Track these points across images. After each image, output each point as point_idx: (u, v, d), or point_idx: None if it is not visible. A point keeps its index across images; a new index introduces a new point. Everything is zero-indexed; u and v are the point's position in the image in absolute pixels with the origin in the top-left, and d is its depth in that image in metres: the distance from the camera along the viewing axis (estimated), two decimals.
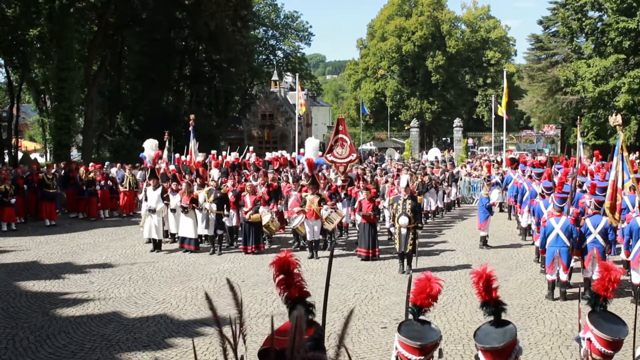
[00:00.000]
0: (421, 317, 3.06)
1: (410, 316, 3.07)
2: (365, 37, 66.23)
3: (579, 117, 17.50)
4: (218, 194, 13.50)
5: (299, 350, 1.52)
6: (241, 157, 23.46)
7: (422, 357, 2.88)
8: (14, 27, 28.90)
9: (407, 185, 11.69)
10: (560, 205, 9.91)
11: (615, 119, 8.78)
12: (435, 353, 2.97)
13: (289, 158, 24.88)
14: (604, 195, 10.08)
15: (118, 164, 22.73)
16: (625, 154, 8.94)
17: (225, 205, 13.51)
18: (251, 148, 26.89)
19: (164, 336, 7.98)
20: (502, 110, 26.56)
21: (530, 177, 15.36)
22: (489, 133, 40.93)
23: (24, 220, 18.15)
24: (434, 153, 27.52)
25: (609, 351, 3.07)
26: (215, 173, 14.46)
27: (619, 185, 8.93)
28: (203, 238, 14.03)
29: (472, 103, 60.25)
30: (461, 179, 23.36)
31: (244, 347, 1.82)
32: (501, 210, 19.33)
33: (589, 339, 3.13)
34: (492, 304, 3.03)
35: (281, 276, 2.17)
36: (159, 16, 35.38)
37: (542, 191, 12.56)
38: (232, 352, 1.77)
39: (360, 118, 57.73)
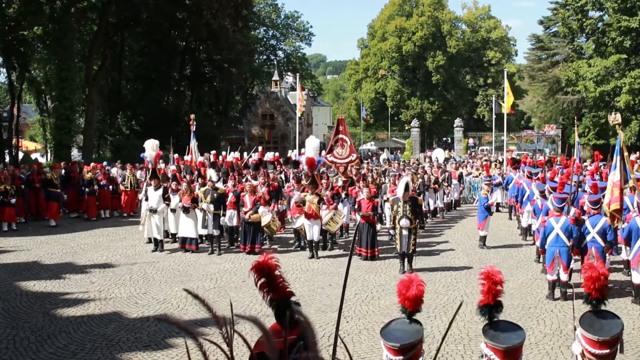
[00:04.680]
0: (414, 317, 3.10)
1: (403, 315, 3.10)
2: (366, 37, 66.23)
3: (575, 117, 17.47)
4: (215, 194, 13.50)
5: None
6: (247, 157, 23.49)
7: (402, 357, 2.92)
8: (14, 27, 28.90)
9: (406, 189, 11.50)
10: (559, 205, 9.89)
11: (614, 118, 8.70)
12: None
13: (293, 158, 24.89)
14: (603, 195, 10.06)
15: (119, 164, 22.72)
16: (626, 153, 8.87)
17: (222, 206, 13.51)
18: (260, 148, 26.88)
19: (164, 336, 7.98)
20: (508, 107, 26.34)
21: (529, 177, 15.39)
22: (490, 133, 40.92)
23: (25, 220, 18.17)
24: (441, 154, 27.41)
25: (599, 351, 3.05)
26: (212, 173, 14.45)
27: (623, 185, 8.86)
28: (204, 238, 14.03)
29: (472, 103, 60.23)
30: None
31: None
32: (497, 210, 19.29)
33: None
34: (494, 305, 3.04)
35: (262, 279, 2.21)
36: (159, 16, 35.41)
37: (549, 191, 12.47)
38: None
39: (360, 118, 57.82)
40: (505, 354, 2.88)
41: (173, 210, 14.12)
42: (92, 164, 21.91)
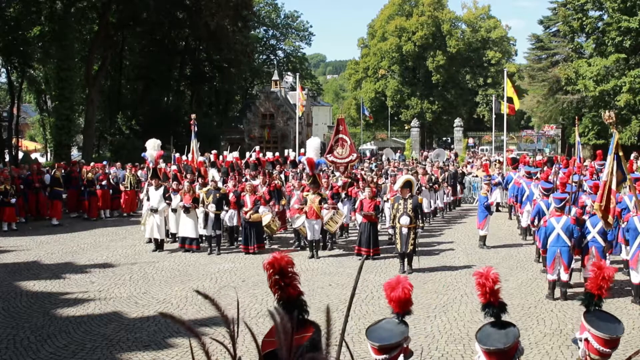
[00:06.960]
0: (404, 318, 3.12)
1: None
2: (366, 37, 66.23)
3: (576, 117, 17.41)
4: (217, 195, 13.49)
5: (293, 353, 1.51)
6: (248, 156, 23.51)
7: (385, 356, 2.92)
8: (14, 27, 28.88)
9: (407, 187, 11.54)
10: (558, 205, 9.88)
11: (609, 116, 8.55)
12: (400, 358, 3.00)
13: (292, 157, 24.85)
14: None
15: (118, 163, 22.70)
16: (621, 153, 8.75)
17: (224, 205, 13.51)
18: (257, 148, 26.79)
19: (164, 336, 7.98)
20: (517, 104, 26.28)
21: (529, 177, 15.42)
22: (490, 133, 40.88)
23: (25, 220, 18.17)
24: (443, 154, 27.38)
25: (607, 350, 3.07)
26: (214, 173, 14.46)
27: (613, 186, 8.71)
28: (203, 238, 14.03)
29: (472, 103, 60.24)
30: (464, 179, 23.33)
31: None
32: (497, 210, 19.28)
33: (586, 339, 3.14)
34: (497, 306, 3.03)
35: (276, 276, 2.19)
36: (159, 16, 35.36)
37: (541, 192, 12.53)
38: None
39: (360, 118, 57.81)
40: (490, 355, 2.89)
41: (174, 210, 14.12)
42: (92, 164, 21.90)
